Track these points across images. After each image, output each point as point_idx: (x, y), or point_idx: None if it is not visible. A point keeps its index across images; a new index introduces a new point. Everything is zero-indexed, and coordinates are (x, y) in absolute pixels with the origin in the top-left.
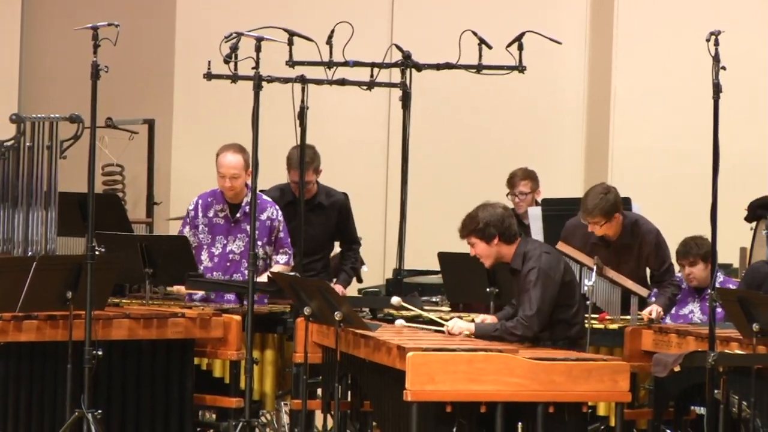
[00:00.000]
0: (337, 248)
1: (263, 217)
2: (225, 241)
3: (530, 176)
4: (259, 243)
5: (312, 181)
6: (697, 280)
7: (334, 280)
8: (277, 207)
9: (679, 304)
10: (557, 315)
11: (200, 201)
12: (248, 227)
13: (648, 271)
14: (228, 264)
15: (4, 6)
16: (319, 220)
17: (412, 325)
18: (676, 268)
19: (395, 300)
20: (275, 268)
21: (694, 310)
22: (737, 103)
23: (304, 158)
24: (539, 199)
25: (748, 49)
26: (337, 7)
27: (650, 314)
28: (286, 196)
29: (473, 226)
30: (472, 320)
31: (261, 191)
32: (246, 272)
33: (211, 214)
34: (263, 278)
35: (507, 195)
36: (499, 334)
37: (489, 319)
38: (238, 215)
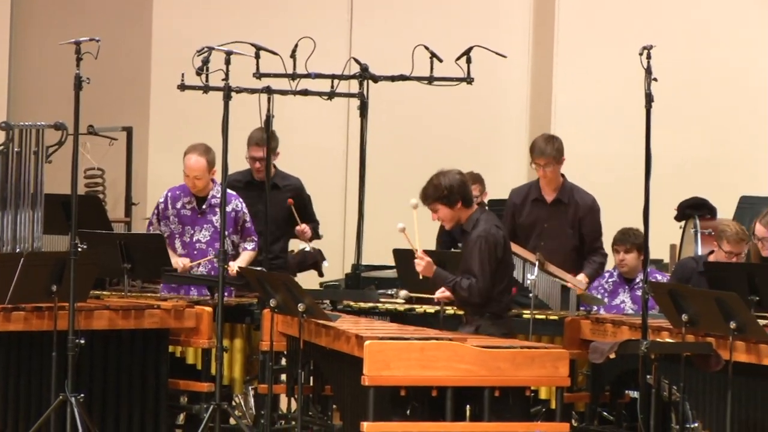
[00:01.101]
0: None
1: (229, 209)
2: (192, 231)
3: (477, 179)
4: (227, 233)
5: (264, 160)
6: (629, 267)
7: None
8: (241, 199)
9: (611, 296)
10: None
11: (169, 194)
12: (214, 218)
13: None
14: (195, 252)
15: None
16: (275, 200)
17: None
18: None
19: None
20: (244, 255)
21: (625, 300)
22: (668, 112)
23: (270, 156)
24: (486, 201)
25: (679, 62)
26: (300, 23)
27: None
28: (245, 178)
29: (438, 193)
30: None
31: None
32: (207, 253)
33: (179, 206)
34: (234, 266)
35: None
36: (452, 286)
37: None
38: (204, 207)
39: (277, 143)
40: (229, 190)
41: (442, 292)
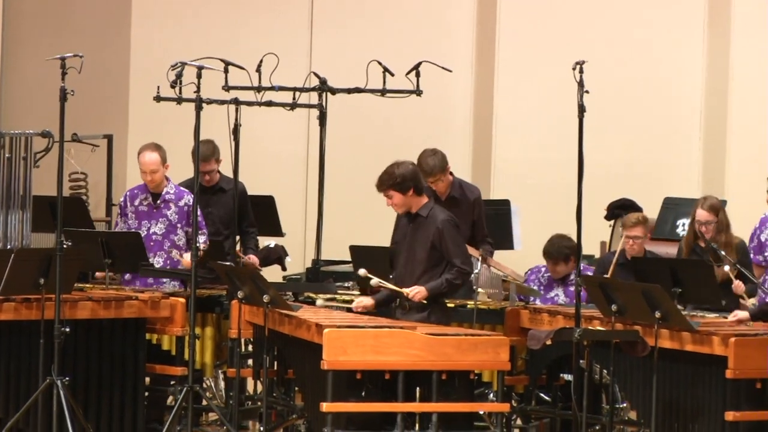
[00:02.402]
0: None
1: (181, 203)
2: (149, 225)
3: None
4: (179, 226)
5: (214, 170)
6: (560, 274)
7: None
8: (192, 195)
9: (545, 289)
10: (437, 270)
11: (128, 194)
12: (168, 212)
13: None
14: (152, 244)
15: None
16: (221, 201)
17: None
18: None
19: (362, 271)
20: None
21: (558, 294)
22: (600, 121)
23: (238, 161)
24: None
25: (610, 75)
26: (265, 40)
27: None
28: (189, 185)
29: (392, 180)
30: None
31: (179, 184)
32: (168, 251)
33: (137, 203)
34: (187, 257)
35: None
36: (447, 288)
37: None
38: (159, 202)
39: (218, 153)
40: (182, 188)
41: (417, 293)
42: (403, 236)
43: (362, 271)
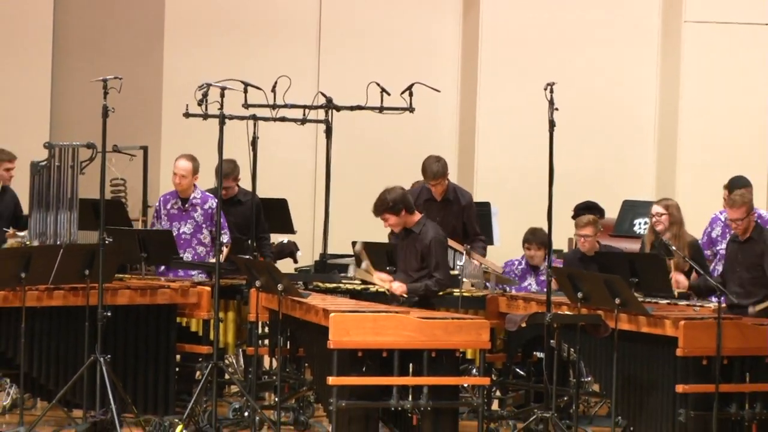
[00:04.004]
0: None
1: (206, 206)
2: (179, 225)
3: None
4: (204, 226)
5: (233, 186)
6: (536, 260)
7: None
8: (216, 199)
9: (520, 279)
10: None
11: (161, 199)
12: (195, 215)
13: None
14: (181, 242)
15: (38, 62)
16: (238, 211)
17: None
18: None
19: (358, 246)
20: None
21: (531, 283)
22: (568, 133)
23: (255, 169)
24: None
25: (577, 92)
26: (279, 64)
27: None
28: (215, 194)
29: (385, 206)
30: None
31: (207, 190)
32: (196, 248)
33: (168, 206)
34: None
35: None
36: (424, 291)
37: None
38: (187, 206)
39: (238, 172)
40: (207, 192)
41: (398, 287)
42: (400, 247)
43: (359, 248)
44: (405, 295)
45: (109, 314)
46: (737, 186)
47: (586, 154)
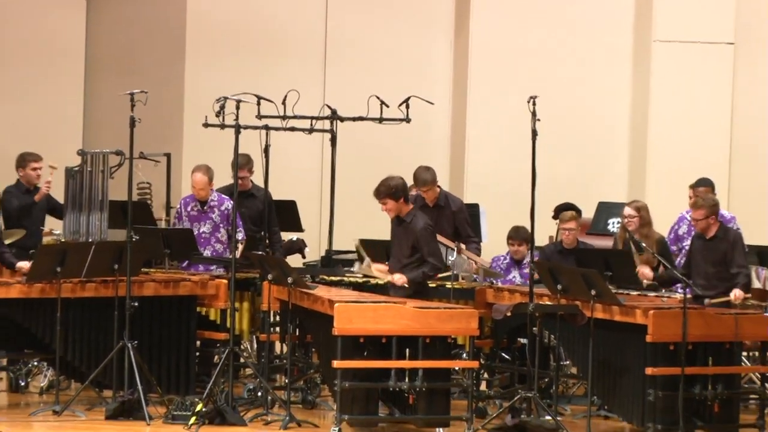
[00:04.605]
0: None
1: (222, 208)
2: (199, 225)
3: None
4: (221, 226)
5: (247, 177)
6: (519, 254)
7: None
8: (231, 201)
9: (506, 272)
10: (415, 261)
11: (182, 202)
12: (213, 216)
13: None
14: (201, 240)
15: (72, 78)
16: (251, 204)
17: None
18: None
19: (366, 261)
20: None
21: (515, 276)
22: (549, 141)
23: (268, 174)
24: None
25: (558, 104)
26: (288, 79)
27: (462, 251)
28: (228, 190)
29: (387, 190)
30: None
31: (218, 190)
32: (214, 245)
33: (189, 208)
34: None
35: None
36: (422, 278)
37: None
38: (205, 208)
39: (252, 164)
40: (223, 195)
41: (399, 278)
42: (394, 235)
43: (357, 245)
44: (407, 285)
45: (136, 304)
46: (701, 185)
47: (565, 160)
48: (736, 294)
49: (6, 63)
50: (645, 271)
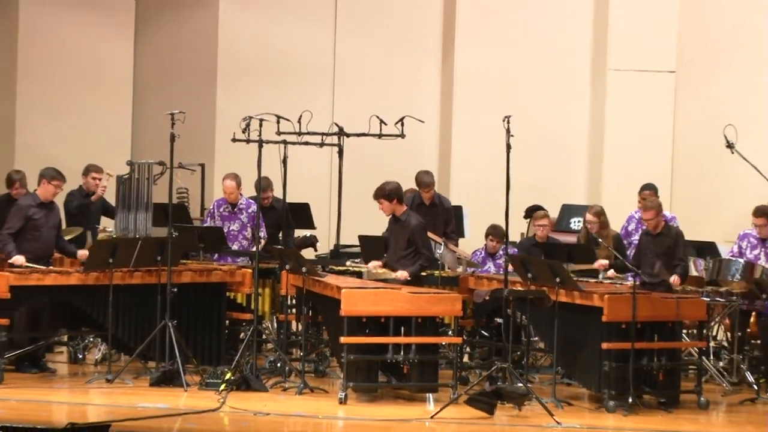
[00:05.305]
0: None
1: (249, 210)
2: (229, 224)
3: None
4: (248, 226)
5: (269, 197)
6: (495, 249)
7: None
8: (256, 204)
9: (483, 263)
10: (410, 254)
11: (215, 203)
12: (242, 217)
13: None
14: (231, 237)
15: (121, 99)
16: (272, 214)
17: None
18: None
19: (368, 269)
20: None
21: (491, 267)
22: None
23: (286, 181)
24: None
25: (528, 121)
26: (302, 101)
27: (448, 246)
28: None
29: (383, 193)
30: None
31: (250, 198)
32: (242, 241)
33: (221, 210)
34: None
35: None
36: (419, 270)
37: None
38: (235, 210)
39: (272, 186)
40: (249, 199)
41: (402, 274)
42: (390, 232)
43: (372, 264)
44: (409, 278)
45: (175, 290)
46: (647, 189)
47: (535, 170)
48: (675, 279)
49: (66, 86)
50: (603, 262)
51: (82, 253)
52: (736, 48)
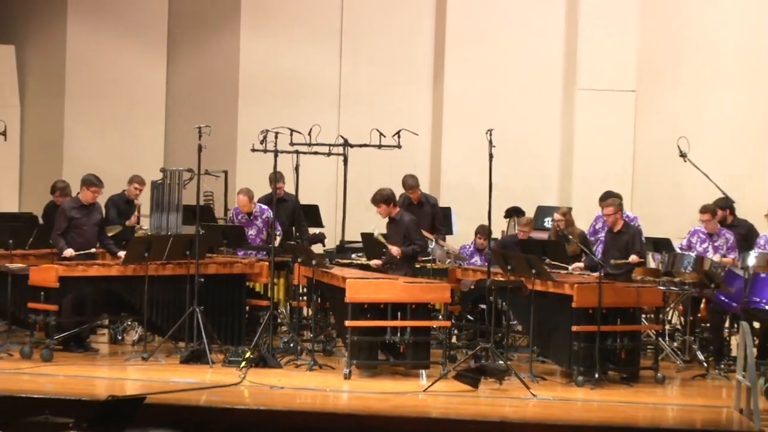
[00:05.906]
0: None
1: (264, 216)
2: (247, 230)
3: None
4: (264, 230)
5: (281, 187)
6: (483, 245)
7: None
8: (270, 210)
9: (470, 257)
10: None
11: (234, 210)
12: (257, 222)
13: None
14: (249, 239)
15: (155, 114)
16: (284, 208)
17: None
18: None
19: (376, 232)
20: (278, 238)
21: (477, 260)
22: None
23: (298, 186)
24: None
25: (508, 132)
26: (312, 116)
27: (438, 241)
28: (269, 197)
29: (380, 198)
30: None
31: (259, 199)
32: (257, 240)
33: (239, 217)
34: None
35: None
36: (411, 253)
37: (395, 249)
38: (251, 217)
39: (284, 179)
40: (264, 206)
41: (395, 250)
42: (389, 231)
43: (376, 234)
44: (400, 255)
45: (202, 280)
46: (608, 197)
47: (513, 176)
48: (633, 258)
49: (107, 104)
50: (579, 265)
51: (121, 255)
52: (687, 69)
